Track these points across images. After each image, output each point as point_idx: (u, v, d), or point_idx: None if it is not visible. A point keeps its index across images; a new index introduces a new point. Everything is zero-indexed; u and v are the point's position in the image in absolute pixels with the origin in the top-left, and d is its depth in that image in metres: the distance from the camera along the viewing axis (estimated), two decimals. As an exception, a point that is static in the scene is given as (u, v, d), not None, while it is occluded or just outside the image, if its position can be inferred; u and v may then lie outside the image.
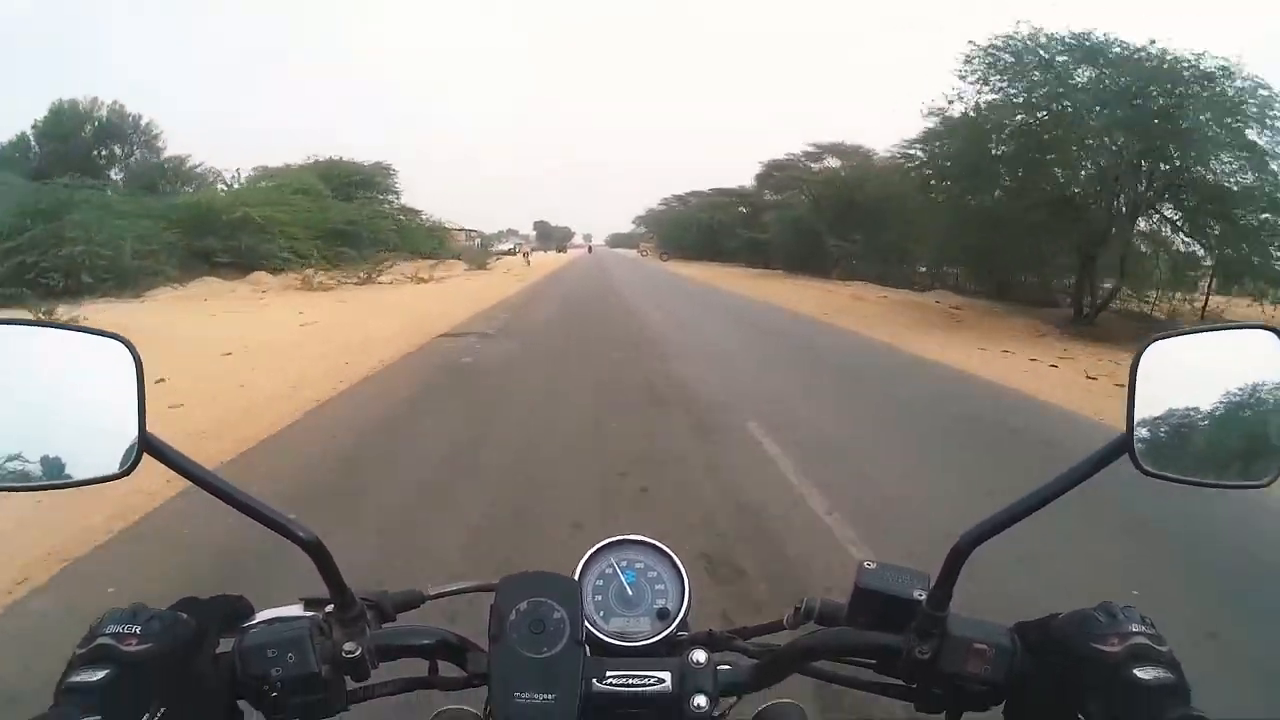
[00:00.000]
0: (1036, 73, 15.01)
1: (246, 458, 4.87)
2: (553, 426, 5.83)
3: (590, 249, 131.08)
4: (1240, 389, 0.62)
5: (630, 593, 0.72)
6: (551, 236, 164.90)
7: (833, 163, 35.33)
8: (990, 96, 15.99)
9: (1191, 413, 0.63)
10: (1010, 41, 15.33)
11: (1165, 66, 13.38)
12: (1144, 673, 0.56)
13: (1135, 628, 0.59)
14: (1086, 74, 14.54)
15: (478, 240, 68.10)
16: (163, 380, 6.51)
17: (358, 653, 0.64)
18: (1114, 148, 14.21)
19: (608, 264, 51.49)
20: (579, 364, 8.78)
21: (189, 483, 0.62)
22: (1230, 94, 13.13)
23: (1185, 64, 13.28)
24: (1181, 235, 15.20)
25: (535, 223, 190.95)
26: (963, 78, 16.17)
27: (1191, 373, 0.63)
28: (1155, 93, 13.43)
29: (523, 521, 3.77)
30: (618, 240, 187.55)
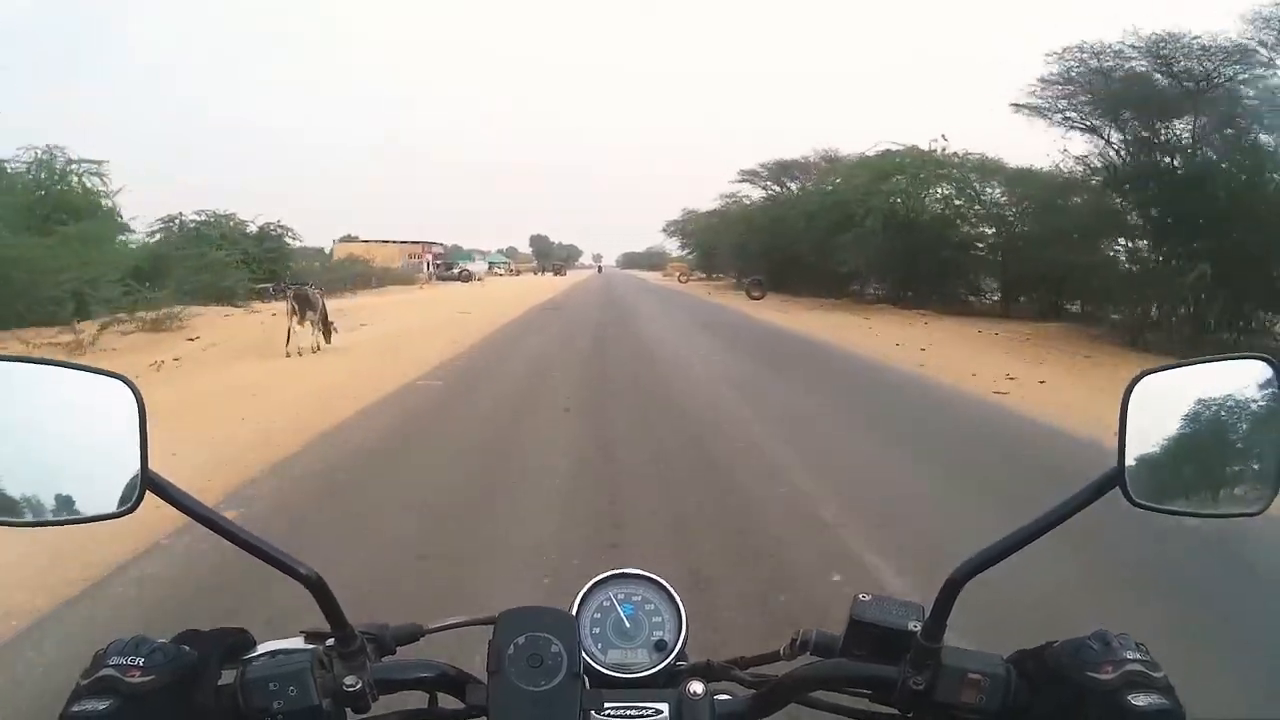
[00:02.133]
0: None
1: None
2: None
3: (600, 269, 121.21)
4: (1230, 418, 0.63)
5: (628, 625, 0.73)
6: (551, 255, 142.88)
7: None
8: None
9: (1182, 444, 0.63)
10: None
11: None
12: (1139, 700, 0.56)
13: (1130, 655, 0.59)
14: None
15: (425, 264, 56.18)
16: None
17: (358, 686, 0.64)
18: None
19: (627, 308, 24.83)
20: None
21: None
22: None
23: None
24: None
25: (531, 238, 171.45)
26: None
27: (1182, 404, 0.64)
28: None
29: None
30: (631, 260, 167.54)
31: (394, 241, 62.24)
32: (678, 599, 0.74)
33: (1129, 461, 0.62)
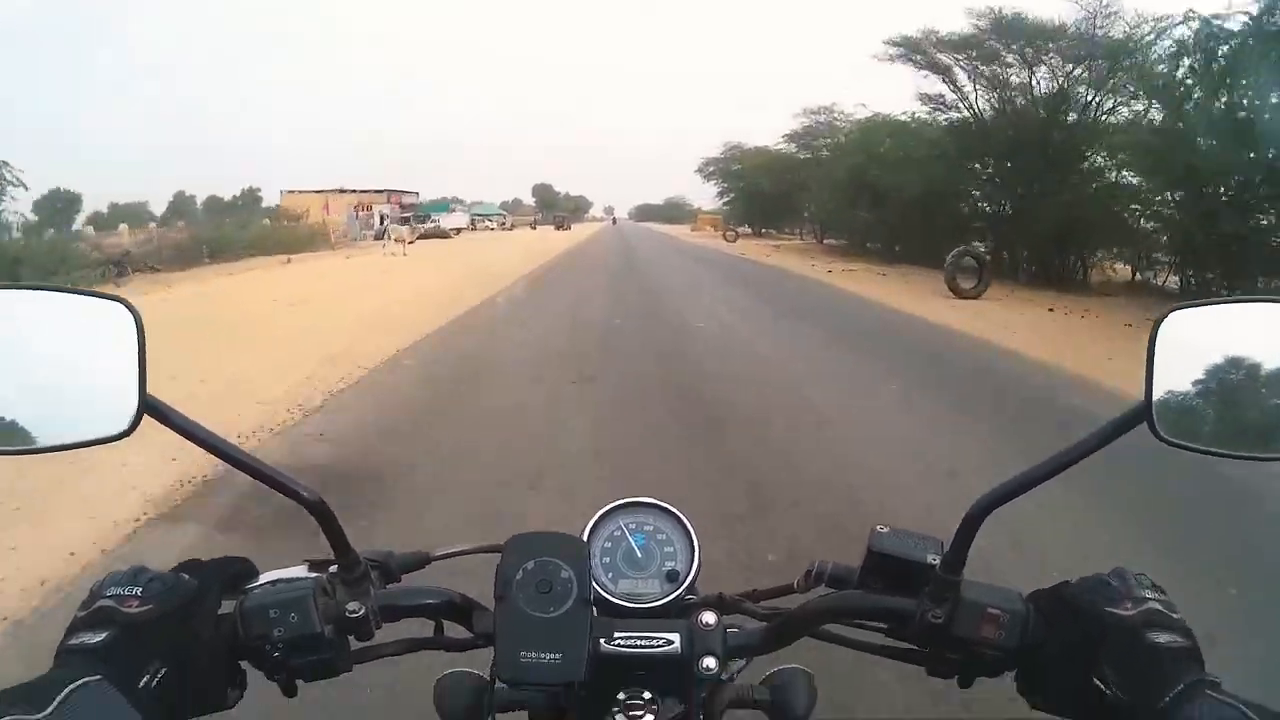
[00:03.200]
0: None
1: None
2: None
3: (614, 221, 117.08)
4: (1260, 360, 0.61)
5: (639, 555, 0.72)
6: (556, 206, 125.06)
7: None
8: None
9: (1210, 383, 0.62)
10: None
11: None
12: (1160, 637, 0.56)
13: (1149, 594, 0.59)
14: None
15: (379, 218, 43.59)
16: None
17: (361, 613, 0.64)
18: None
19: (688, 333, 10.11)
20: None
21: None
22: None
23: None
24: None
25: (534, 188, 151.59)
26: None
27: (1211, 343, 0.62)
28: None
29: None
30: (645, 212, 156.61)
31: (354, 190, 54.54)
32: (690, 529, 0.73)
33: (1156, 397, 0.60)
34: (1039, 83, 19.22)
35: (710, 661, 0.63)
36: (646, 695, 0.63)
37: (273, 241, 28.96)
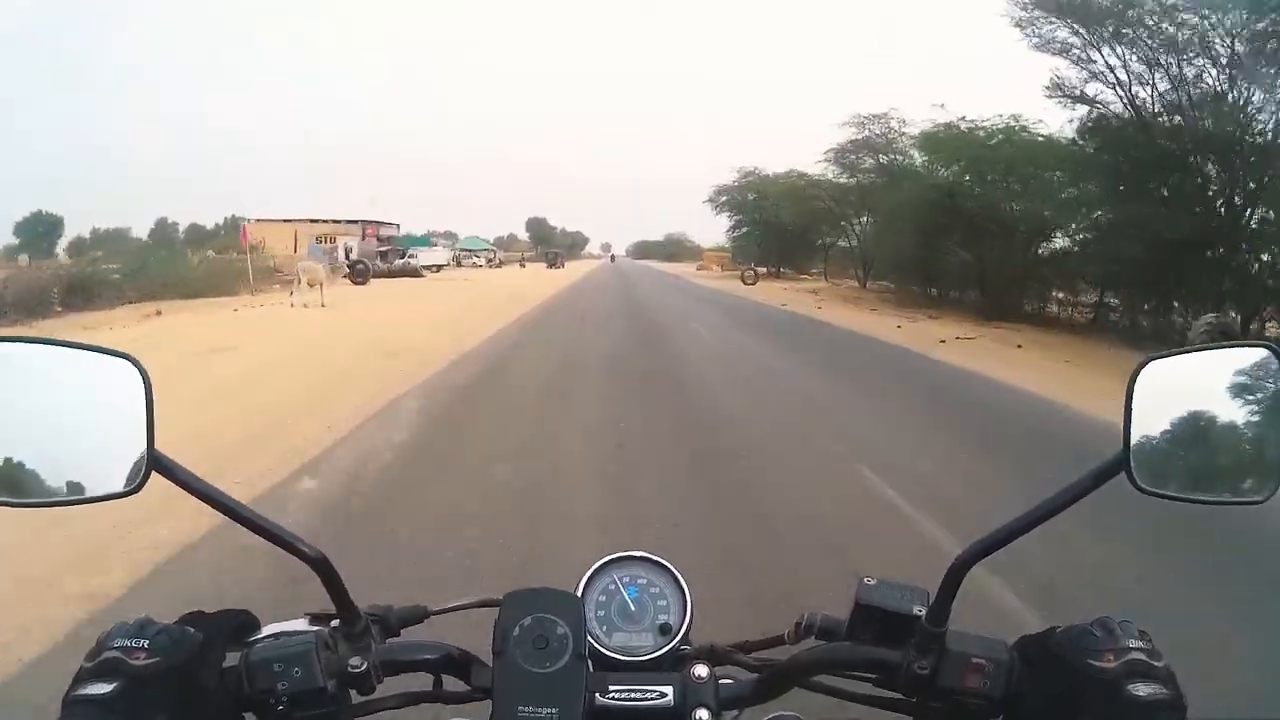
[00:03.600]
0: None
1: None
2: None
3: (613, 258, 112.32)
4: (1236, 406, 0.63)
5: (633, 608, 0.73)
6: (550, 241, 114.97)
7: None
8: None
9: (1187, 430, 0.63)
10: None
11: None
12: (1140, 689, 0.56)
13: (1132, 643, 0.60)
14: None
15: (345, 251, 33.69)
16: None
17: (363, 667, 0.64)
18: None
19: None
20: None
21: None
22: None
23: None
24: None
25: (528, 222, 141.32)
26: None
27: (1188, 391, 0.64)
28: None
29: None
30: (644, 249, 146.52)
31: (327, 220, 48.63)
32: (683, 582, 0.74)
33: (1134, 447, 0.62)
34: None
35: (703, 714, 0.64)
36: None
37: (172, 281, 22.69)
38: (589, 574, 0.75)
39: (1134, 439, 0.62)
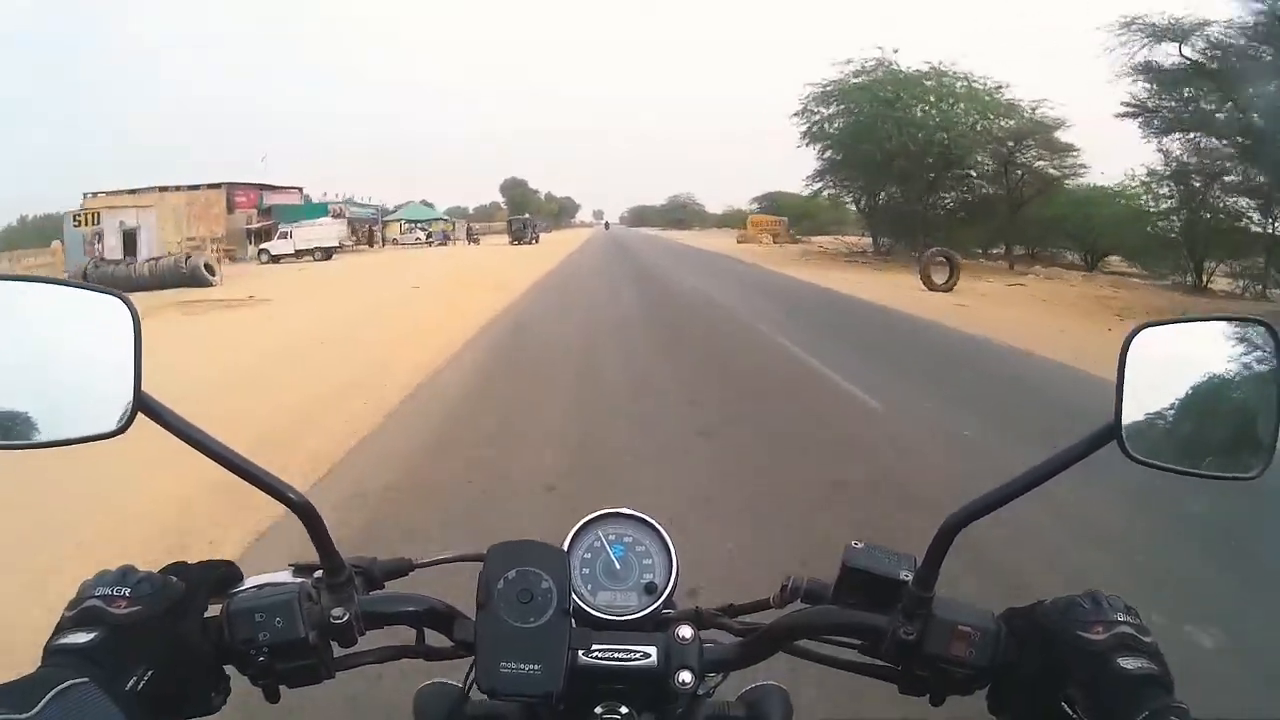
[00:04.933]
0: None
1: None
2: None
3: (606, 225, 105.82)
4: (1228, 380, 0.63)
5: (618, 567, 0.72)
6: (531, 209, 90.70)
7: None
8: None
9: (1180, 402, 0.63)
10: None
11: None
12: (1128, 662, 0.56)
13: (1120, 617, 0.60)
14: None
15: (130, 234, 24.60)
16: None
17: (345, 618, 0.64)
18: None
19: None
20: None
21: None
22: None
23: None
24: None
25: (504, 185, 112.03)
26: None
27: (1181, 361, 0.63)
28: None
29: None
30: (640, 215, 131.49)
31: (187, 188, 37.41)
32: (669, 541, 0.73)
33: (1126, 415, 0.61)
34: None
35: (686, 676, 0.64)
36: (623, 710, 0.64)
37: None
38: (575, 529, 0.74)
39: (1125, 407, 0.62)
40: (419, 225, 50.47)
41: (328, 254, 32.91)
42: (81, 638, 0.55)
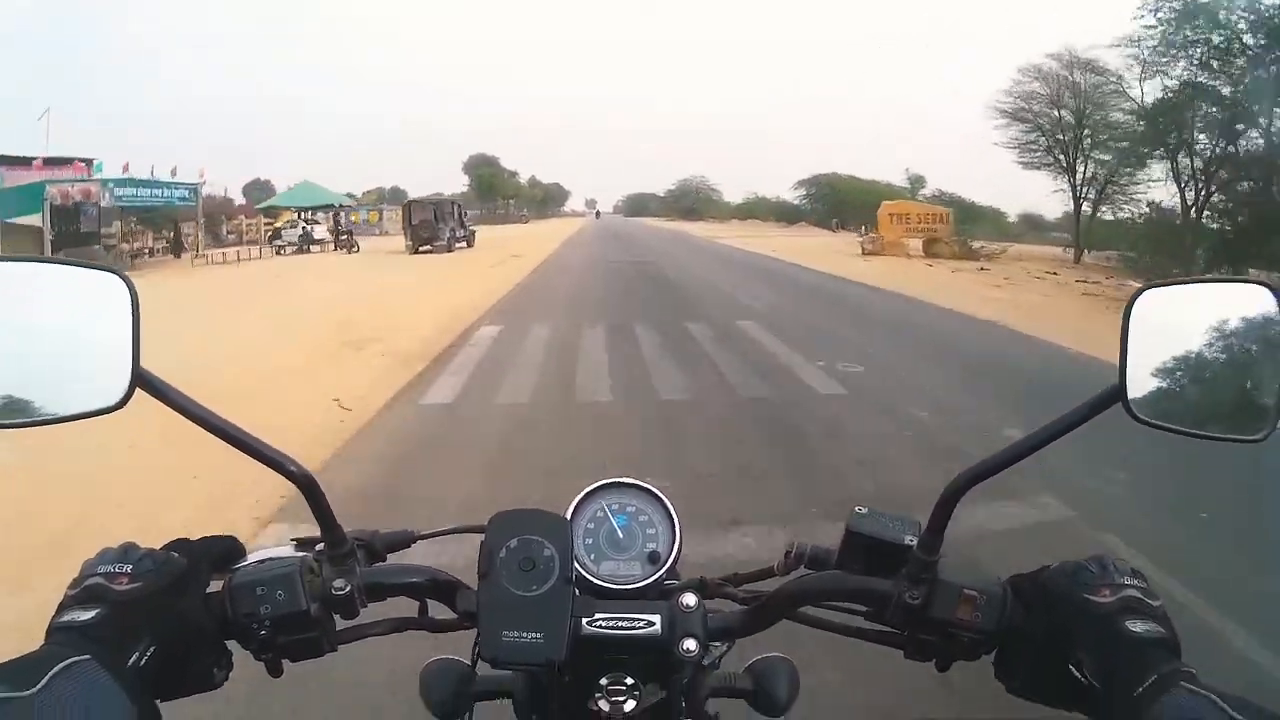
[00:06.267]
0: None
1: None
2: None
3: (597, 214, 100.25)
4: (1233, 343, 0.62)
5: (621, 536, 0.72)
6: (499, 191, 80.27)
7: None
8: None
9: (1184, 364, 0.63)
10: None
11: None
12: (1135, 625, 0.56)
13: (1127, 580, 0.59)
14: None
15: None
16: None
17: (347, 590, 0.64)
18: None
19: None
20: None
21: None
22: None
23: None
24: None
25: (468, 163, 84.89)
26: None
27: (1184, 323, 0.63)
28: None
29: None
30: (637, 204, 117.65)
31: None
32: (672, 511, 0.73)
33: (1130, 377, 0.61)
34: None
35: (691, 644, 0.63)
36: (629, 680, 0.64)
37: None
38: (578, 499, 0.73)
39: (1130, 368, 0.61)
40: (305, 215, 32.52)
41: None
42: (83, 615, 0.55)
